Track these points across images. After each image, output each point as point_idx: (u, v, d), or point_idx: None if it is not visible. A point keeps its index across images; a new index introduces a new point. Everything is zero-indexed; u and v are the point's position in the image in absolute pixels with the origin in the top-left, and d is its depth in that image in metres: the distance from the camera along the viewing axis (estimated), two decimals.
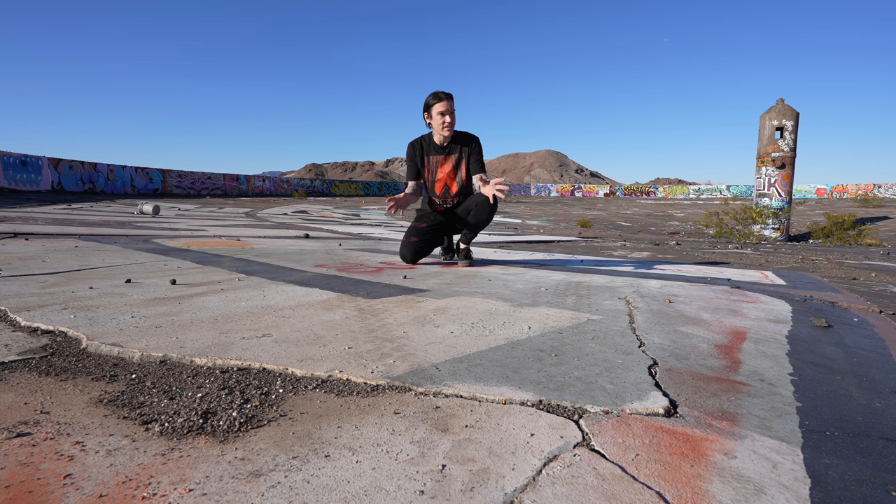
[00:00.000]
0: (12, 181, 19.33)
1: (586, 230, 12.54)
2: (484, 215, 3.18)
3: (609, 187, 58.10)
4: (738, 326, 1.79)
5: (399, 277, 2.63)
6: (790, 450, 0.89)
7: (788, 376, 1.28)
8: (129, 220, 7.19)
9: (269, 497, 0.70)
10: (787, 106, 14.71)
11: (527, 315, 1.83)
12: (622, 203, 35.12)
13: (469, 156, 3.24)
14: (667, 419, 1.00)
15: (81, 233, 4.65)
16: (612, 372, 1.24)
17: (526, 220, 16.61)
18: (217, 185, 31.62)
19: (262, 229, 6.64)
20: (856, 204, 29.30)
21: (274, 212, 13.84)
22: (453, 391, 1.09)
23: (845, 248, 8.69)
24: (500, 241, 6.41)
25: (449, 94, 3.13)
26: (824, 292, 2.69)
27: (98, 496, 0.69)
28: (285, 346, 1.36)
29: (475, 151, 3.24)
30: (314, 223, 9.17)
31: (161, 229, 5.72)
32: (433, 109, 3.12)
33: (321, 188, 41.50)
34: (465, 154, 3.24)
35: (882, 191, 42.13)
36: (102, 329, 1.46)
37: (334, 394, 1.08)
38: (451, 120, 3.12)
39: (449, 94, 3.12)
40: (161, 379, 1.13)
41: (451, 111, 3.12)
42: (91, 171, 23.62)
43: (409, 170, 3.36)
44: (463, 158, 3.25)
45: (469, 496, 0.72)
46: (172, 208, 12.97)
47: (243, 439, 0.86)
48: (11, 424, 0.88)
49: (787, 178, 14.89)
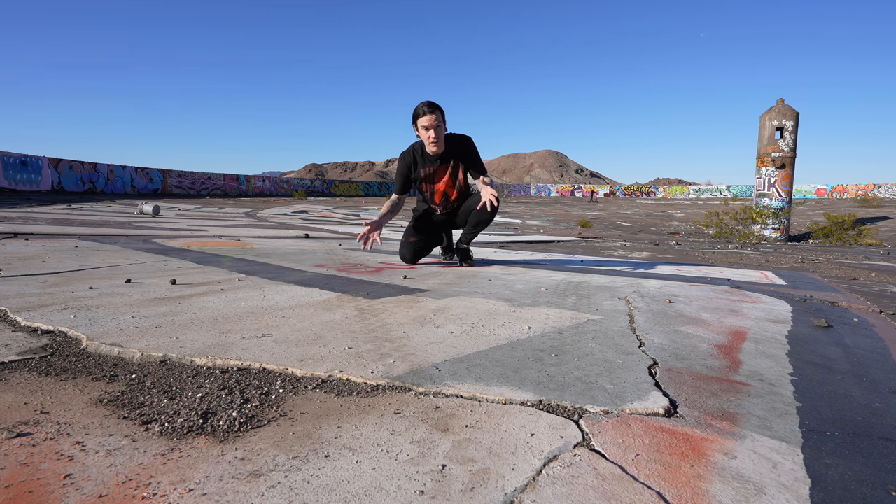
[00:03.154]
0: (12, 181, 19.34)
1: (586, 230, 12.54)
2: (486, 215, 3.13)
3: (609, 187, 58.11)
4: (739, 326, 1.79)
5: (399, 277, 2.63)
6: (790, 450, 0.89)
7: (788, 376, 1.28)
8: (129, 221, 7.19)
9: (269, 497, 0.70)
10: (787, 106, 14.71)
11: (527, 315, 1.83)
12: (622, 203, 35.11)
13: (465, 160, 3.15)
14: (667, 419, 1.00)
15: (81, 233, 4.65)
16: (612, 372, 1.24)
17: (526, 220, 16.60)
18: (217, 186, 31.63)
19: (262, 229, 6.64)
20: (856, 204, 29.30)
21: (274, 212, 13.84)
22: (453, 391, 1.09)
23: (845, 248, 8.69)
24: (500, 241, 6.41)
25: (435, 106, 2.95)
26: (824, 292, 2.69)
27: (98, 496, 0.69)
28: (285, 346, 1.36)
29: (471, 154, 3.15)
30: (314, 223, 9.17)
31: (161, 229, 5.72)
32: (419, 122, 2.97)
33: (321, 188, 41.51)
34: (460, 160, 3.15)
35: (882, 191, 42.13)
36: (102, 329, 1.46)
37: (334, 394, 1.08)
38: (436, 135, 2.97)
39: (435, 107, 2.95)
40: (161, 379, 1.13)
41: (436, 125, 2.95)
42: (91, 171, 23.62)
43: (397, 183, 3.22)
44: (459, 166, 3.16)
45: (469, 496, 0.72)
46: (172, 208, 12.97)
47: (243, 439, 0.86)
48: (11, 424, 0.88)
49: (787, 178, 14.89)
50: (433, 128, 2.95)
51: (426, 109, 2.93)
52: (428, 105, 2.94)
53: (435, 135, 2.97)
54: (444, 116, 3.04)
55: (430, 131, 2.96)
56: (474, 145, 3.18)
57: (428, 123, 2.94)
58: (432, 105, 2.95)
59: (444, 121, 3.03)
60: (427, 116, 2.93)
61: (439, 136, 3.00)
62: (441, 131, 3.01)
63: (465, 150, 3.15)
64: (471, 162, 3.16)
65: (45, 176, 21.03)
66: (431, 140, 2.99)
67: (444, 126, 3.04)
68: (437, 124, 2.96)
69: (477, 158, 3.18)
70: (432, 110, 2.93)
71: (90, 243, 3.73)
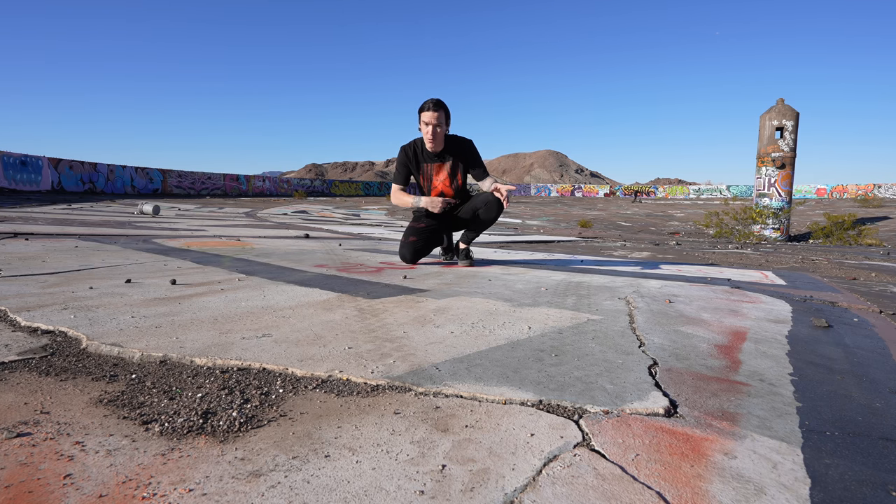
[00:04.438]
0: (12, 181, 19.34)
1: (586, 230, 12.54)
2: (492, 214, 3.14)
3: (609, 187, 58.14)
4: (739, 326, 1.79)
5: (399, 277, 2.63)
6: (790, 450, 0.89)
7: (788, 376, 1.28)
8: (129, 221, 7.19)
9: (269, 497, 0.70)
10: (787, 106, 14.71)
11: (527, 315, 1.83)
12: (622, 203, 35.13)
13: (466, 163, 3.18)
14: (667, 419, 1.00)
15: (81, 233, 4.65)
16: (612, 372, 1.24)
17: (526, 220, 16.61)
18: (217, 186, 31.63)
19: (262, 229, 6.64)
20: (856, 204, 29.30)
21: (274, 212, 13.84)
22: (453, 391, 1.09)
23: (845, 248, 8.69)
24: (500, 241, 6.41)
25: (441, 104, 3.00)
26: (824, 292, 2.69)
27: (98, 496, 0.69)
28: (285, 346, 1.36)
29: (472, 158, 3.18)
30: (314, 223, 9.17)
31: (161, 229, 5.72)
32: (422, 116, 3.02)
33: (321, 188, 41.51)
34: (459, 161, 3.18)
35: (882, 191, 42.13)
36: (102, 329, 1.46)
37: (334, 394, 1.08)
38: (433, 133, 3.01)
39: (441, 106, 3.00)
40: (161, 379, 1.13)
41: (436, 123, 3.00)
42: (91, 171, 23.62)
43: (399, 175, 3.26)
44: (458, 165, 3.19)
45: (469, 496, 0.72)
46: (172, 208, 12.97)
47: (243, 439, 0.86)
48: (11, 424, 0.88)
49: (787, 178, 14.89)
50: (432, 125, 3.01)
51: (431, 105, 2.99)
52: (434, 102, 3.00)
53: (432, 132, 3.02)
54: (447, 118, 3.08)
55: (430, 127, 3.02)
56: (476, 148, 3.23)
57: (429, 119, 3.00)
58: (438, 103, 3.01)
59: (446, 123, 3.08)
60: (430, 112, 2.99)
61: (436, 135, 3.05)
62: (440, 131, 3.05)
63: (466, 152, 3.19)
64: (471, 163, 3.19)
65: (45, 176, 21.03)
66: (429, 136, 3.04)
67: (445, 128, 3.08)
68: (438, 123, 3.01)
69: (478, 160, 3.21)
70: (437, 108, 2.99)
71: (90, 243, 3.73)
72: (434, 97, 3.02)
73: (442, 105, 3.01)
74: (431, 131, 3.02)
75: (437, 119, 3.00)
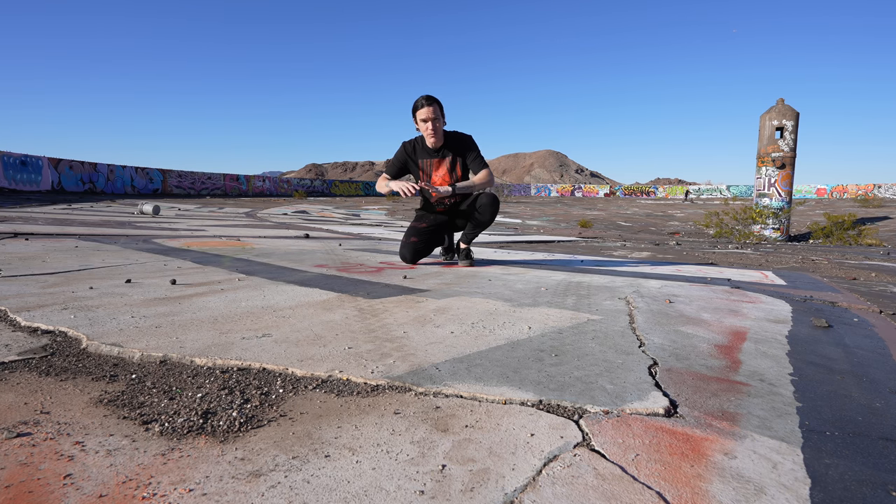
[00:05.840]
0: (12, 181, 19.34)
1: (586, 230, 12.54)
2: (486, 216, 3.18)
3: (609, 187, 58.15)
4: (739, 326, 1.79)
5: (399, 277, 2.63)
6: (790, 450, 0.89)
7: (788, 376, 1.28)
8: (129, 221, 7.19)
9: (269, 497, 0.70)
10: (787, 106, 14.71)
11: (527, 315, 1.83)
12: (622, 203, 35.12)
13: (465, 158, 3.20)
14: (667, 419, 1.00)
15: (81, 233, 4.65)
16: (612, 372, 1.24)
17: (526, 220, 16.61)
18: (217, 186, 31.63)
19: (262, 229, 6.64)
20: (856, 204, 29.30)
21: (274, 212, 13.84)
22: (453, 391, 1.09)
23: (845, 248, 8.69)
24: (500, 241, 6.41)
25: (433, 99, 3.03)
26: (824, 292, 2.69)
27: (98, 496, 0.69)
28: (285, 346, 1.36)
29: (472, 153, 3.19)
30: (314, 223, 9.17)
31: (161, 229, 5.72)
32: (418, 115, 3.04)
33: (321, 188, 41.51)
34: (459, 156, 3.20)
35: (882, 191, 42.14)
36: (102, 329, 1.46)
37: (334, 394, 1.08)
38: (433, 127, 3.04)
39: (433, 100, 3.02)
40: (161, 379, 1.13)
41: (433, 118, 3.02)
42: (91, 171, 23.62)
43: (393, 168, 3.28)
44: (458, 161, 3.20)
45: (469, 496, 0.72)
46: (172, 208, 12.97)
47: (243, 439, 0.86)
48: (11, 424, 0.88)
49: (787, 178, 14.89)
50: (431, 120, 3.04)
51: (424, 102, 3.02)
52: (426, 98, 3.04)
53: (432, 127, 3.06)
54: (442, 111, 3.11)
55: (428, 123, 3.05)
56: (475, 143, 3.24)
57: (426, 116, 3.03)
58: (430, 98, 3.04)
59: (442, 115, 3.11)
60: (425, 109, 3.02)
61: (437, 129, 3.08)
62: (439, 124, 3.08)
63: (465, 147, 3.21)
64: (471, 157, 3.21)
65: (45, 176, 21.03)
66: (429, 132, 3.07)
67: (442, 120, 3.12)
68: (435, 117, 3.04)
69: (477, 154, 3.22)
70: (430, 103, 3.02)
71: (90, 243, 3.73)
72: (423, 94, 3.07)
73: (434, 100, 3.05)
74: (431, 127, 3.05)
75: (434, 113, 3.03)
